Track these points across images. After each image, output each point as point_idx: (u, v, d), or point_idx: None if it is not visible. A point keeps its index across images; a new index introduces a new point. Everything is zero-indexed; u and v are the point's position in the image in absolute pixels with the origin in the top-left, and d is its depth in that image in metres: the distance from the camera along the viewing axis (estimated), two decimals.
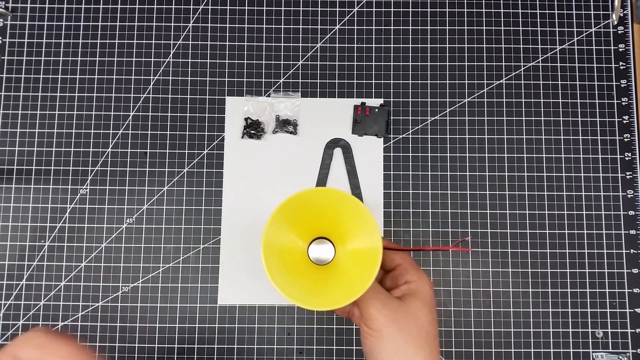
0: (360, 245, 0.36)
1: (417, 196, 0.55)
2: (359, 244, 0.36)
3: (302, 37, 0.58)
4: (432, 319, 0.35)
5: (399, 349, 0.33)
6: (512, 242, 0.54)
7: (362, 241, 0.36)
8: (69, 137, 0.56)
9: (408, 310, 0.35)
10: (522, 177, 0.55)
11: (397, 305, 0.35)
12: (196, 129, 0.56)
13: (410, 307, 0.35)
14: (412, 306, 0.35)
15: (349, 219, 0.36)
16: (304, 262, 0.38)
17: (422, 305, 0.35)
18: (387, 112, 0.56)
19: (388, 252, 0.37)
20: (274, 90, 0.57)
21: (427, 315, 0.35)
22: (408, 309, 0.35)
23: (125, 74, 0.57)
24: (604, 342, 0.53)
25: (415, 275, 0.36)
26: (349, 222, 0.37)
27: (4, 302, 0.53)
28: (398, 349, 0.33)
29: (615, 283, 0.54)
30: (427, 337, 0.34)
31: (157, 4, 0.58)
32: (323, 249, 0.38)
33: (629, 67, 0.57)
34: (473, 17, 0.58)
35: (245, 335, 0.53)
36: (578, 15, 0.58)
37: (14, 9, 0.58)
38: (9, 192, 0.55)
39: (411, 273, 0.37)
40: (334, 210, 0.36)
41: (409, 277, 0.36)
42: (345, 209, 0.35)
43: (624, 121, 0.56)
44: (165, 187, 0.55)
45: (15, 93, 0.57)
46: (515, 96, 0.57)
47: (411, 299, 0.35)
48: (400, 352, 0.33)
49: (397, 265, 0.38)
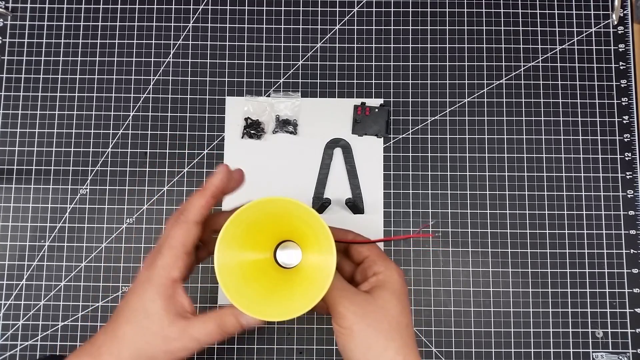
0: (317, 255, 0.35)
1: (417, 196, 0.55)
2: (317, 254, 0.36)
3: (302, 37, 0.58)
4: (402, 308, 0.35)
5: (370, 344, 0.33)
6: (512, 242, 0.54)
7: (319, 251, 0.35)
8: (69, 137, 0.56)
9: (376, 303, 0.34)
10: (522, 177, 0.55)
11: (364, 300, 0.35)
12: (196, 129, 0.56)
13: (378, 300, 0.35)
14: (381, 298, 0.35)
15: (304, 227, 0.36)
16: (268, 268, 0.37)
17: (391, 295, 0.35)
18: (387, 112, 0.56)
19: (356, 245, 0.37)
20: (274, 90, 0.57)
21: (397, 306, 0.35)
22: (376, 302, 0.34)
23: (125, 74, 0.57)
24: (604, 342, 0.53)
25: (382, 266, 0.36)
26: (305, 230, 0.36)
27: (4, 302, 0.53)
28: (369, 344, 0.33)
29: (615, 283, 0.54)
30: (398, 327, 0.34)
31: (157, 4, 0.58)
32: (289, 253, 0.38)
33: (629, 67, 0.57)
34: (473, 17, 0.58)
35: (245, 336, 0.53)
36: (578, 15, 0.58)
37: (14, 9, 0.58)
38: (9, 192, 0.55)
39: (379, 264, 0.36)
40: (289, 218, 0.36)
41: (377, 268, 0.36)
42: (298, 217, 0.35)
43: (624, 121, 0.56)
44: (165, 187, 0.55)
45: (15, 93, 0.57)
46: (515, 96, 0.57)
47: (379, 291, 0.35)
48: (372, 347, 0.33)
49: (365, 258, 0.37)
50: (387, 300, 0.35)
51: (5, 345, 0.53)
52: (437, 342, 0.53)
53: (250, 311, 0.32)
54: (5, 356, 0.52)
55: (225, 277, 0.33)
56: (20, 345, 0.53)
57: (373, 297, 0.35)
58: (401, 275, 0.37)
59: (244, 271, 0.35)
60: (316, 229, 0.34)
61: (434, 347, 0.53)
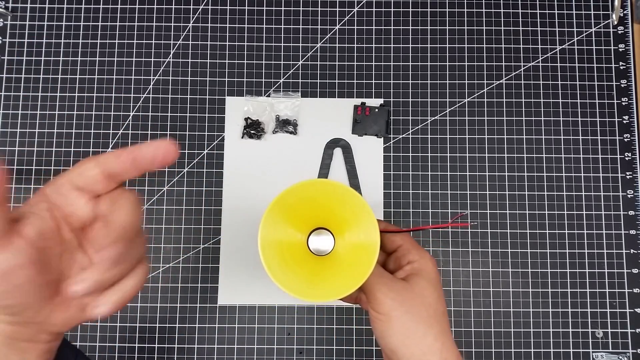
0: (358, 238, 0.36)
1: (417, 196, 0.55)
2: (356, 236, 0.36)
3: (302, 37, 0.58)
4: (439, 296, 0.35)
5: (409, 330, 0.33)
6: (512, 242, 0.54)
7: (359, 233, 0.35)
8: (69, 137, 0.56)
9: (414, 290, 0.35)
10: (522, 177, 0.55)
11: (402, 287, 0.35)
12: (196, 129, 0.56)
13: (415, 288, 0.35)
14: (418, 286, 0.35)
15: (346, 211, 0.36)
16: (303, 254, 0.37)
17: (427, 283, 0.35)
18: (387, 112, 0.56)
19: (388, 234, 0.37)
20: (274, 90, 0.57)
21: (433, 293, 0.35)
22: (414, 290, 0.35)
23: (125, 74, 0.57)
24: (604, 342, 0.53)
25: (417, 255, 0.36)
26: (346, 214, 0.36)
27: None
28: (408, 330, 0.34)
29: (615, 283, 0.54)
30: (436, 314, 0.35)
31: (157, 4, 0.58)
32: (322, 240, 0.38)
33: (629, 67, 0.57)
34: (473, 17, 0.58)
35: (245, 335, 0.53)
36: (578, 15, 0.58)
37: (14, 9, 0.58)
38: (9, 192, 0.55)
39: (413, 253, 0.37)
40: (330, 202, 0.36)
41: (411, 257, 0.36)
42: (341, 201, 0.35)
43: (624, 121, 0.56)
44: (165, 187, 0.55)
45: (15, 93, 0.57)
46: (515, 96, 0.57)
47: (416, 279, 0.35)
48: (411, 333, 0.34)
49: (399, 247, 0.37)
50: (424, 287, 0.35)
51: None
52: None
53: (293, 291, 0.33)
54: None
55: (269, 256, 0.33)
56: None
57: (410, 285, 0.35)
58: (435, 264, 0.37)
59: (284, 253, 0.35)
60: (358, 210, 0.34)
61: None
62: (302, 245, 0.38)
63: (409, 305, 0.34)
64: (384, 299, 0.34)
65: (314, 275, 0.36)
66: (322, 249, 0.38)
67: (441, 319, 0.35)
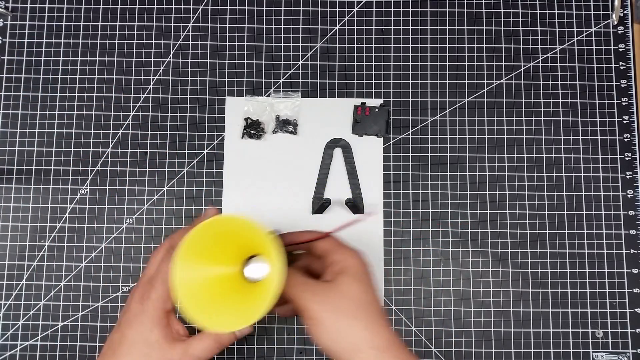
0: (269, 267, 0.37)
1: (417, 196, 0.55)
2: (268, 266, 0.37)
3: (302, 37, 0.58)
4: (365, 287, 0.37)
5: (337, 327, 0.35)
6: (512, 242, 0.54)
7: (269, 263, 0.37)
8: (69, 137, 0.56)
9: (337, 288, 0.36)
10: (522, 177, 0.55)
11: (326, 289, 0.36)
12: (196, 129, 0.56)
13: (339, 286, 0.36)
14: (342, 283, 0.36)
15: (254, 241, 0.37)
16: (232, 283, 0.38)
17: (351, 279, 0.37)
18: (387, 112, 0.56)
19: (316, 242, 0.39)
20: (274, 90, 0.57)
21: (358, 287, 0.37)
22: (337, 288, 0.36)
23: (125, 74, 0.57)
24: (604, 342, 0.53)
25: (340, 255, 0.38)
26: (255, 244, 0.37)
27: (4, 302, 0.53)
28: (336, 327, 0.35)
29: (615, 283, 0.54)
30: (362, 306, 0.36)
31: (157, 4, 0.58)
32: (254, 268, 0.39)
33: (629, 67, 0.57)
34: (473, 17, 0.58)
35: (245, 336, 0.53)
36: (578, 15, 0.58)
37: (14, 9, 0.58)
38: (9, 192, 0.55)
39: (337, 253, 0.38)
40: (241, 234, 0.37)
41: (334, 257, 0.38)
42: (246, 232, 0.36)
43: (624, 121, 0.56)
44: (165, 187, 0.55)
45: (15, 93, 0.57)
46: (515, 96, 0.57)
47: (340, 277, 0.37)
48: (339, 329, 0.35)
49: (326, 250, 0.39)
50: (347, 283, 0.37)
51: (5, 345, 0.53)
52: (437, 342, 0.53)
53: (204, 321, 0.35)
54: (5, 356, 0.52)
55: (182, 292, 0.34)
56: (20, 345, 0.53)
57: (334, 284, 0.37)
58: (358, 258, 0.39)
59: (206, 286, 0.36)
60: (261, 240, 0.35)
61: (434, 347, 0.53)
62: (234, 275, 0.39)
63: (333, 304, 0.35)
64: (310, 304, 0.36)
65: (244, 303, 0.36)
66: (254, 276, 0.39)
67: (369, 309, 0.36)
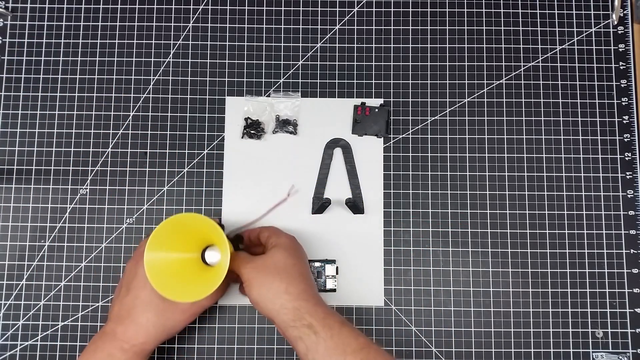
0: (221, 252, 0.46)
1: (417, 196, 0.55)
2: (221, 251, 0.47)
3: (302, 37, 0.58)
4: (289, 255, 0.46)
5: (263, 285, 0.44)
6: (512, 242, 0.54)
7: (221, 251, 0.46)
8: (69, 137, 0.56)
9: (268, 257, 0.46)
10: (522, 177, 0.55)
11: (259, 258, 0.46)
12: (196, 129, 0.56)
13: (270, 254, 0.46)
14: (272, 254, 0.46)
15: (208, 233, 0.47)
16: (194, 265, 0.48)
17: (280, 250, 0.46)
18: (387, 112, 0.56)
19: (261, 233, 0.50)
20: (274, 90, 0.57)
21: (284, 253, 0.46)
22: (268, 257, 0.46)
23: (125, 74, 0.57)
24: (604, 342, 0.53)
25: (275, 236, 0.48)
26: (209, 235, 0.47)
27: (4, 302, 0.53)
28: (263, 285, 0.44)
29: (615, 283, 0.54)
30: (283, 266, 0.45)
31: (157, 4, 0.58)
32: (211, 254, 0.49)
33: (629, 67, 0.57)
34: (473, 17, 0.58)
35: (245, 335, 0.53)
36: (578, 15, 0.58)
37: (14, 9, 0.58)
38: (9, 192, 0.55)
39: (273, 236, 0.48)
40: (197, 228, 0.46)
41: (272, 240, 0.48)
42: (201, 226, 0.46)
43: (624, 121, 0.56)
44: (165, 187, 0.55)
45: (15, 93, 0.57)
46: (515, 96, 0.57)
47: (272, 250, 0.47)
48: (265, 287, 0.44)
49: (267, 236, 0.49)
50: (275, 252, 0.46)
51: (5, 345, 0.53)
52: (437, 342, 0.53)
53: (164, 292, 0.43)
54: (5, 356, 0.52)
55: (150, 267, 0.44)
56: (20, 345, 0.53)
57: (266, 255, 0.46)
58: (290, 238, 0.49)
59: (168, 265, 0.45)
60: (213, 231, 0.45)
61: (434, 347, 0.53)
62: (194, 259, 0.48)
63: (262, 268, 0.45)
64: (245, 270, 0.45)
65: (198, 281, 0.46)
66: (212, 261, 0.49)
67: (290, 270, 0.45)
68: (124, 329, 0.45)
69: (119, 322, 0.46)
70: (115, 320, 0.46)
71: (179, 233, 0.46)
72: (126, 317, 0.46)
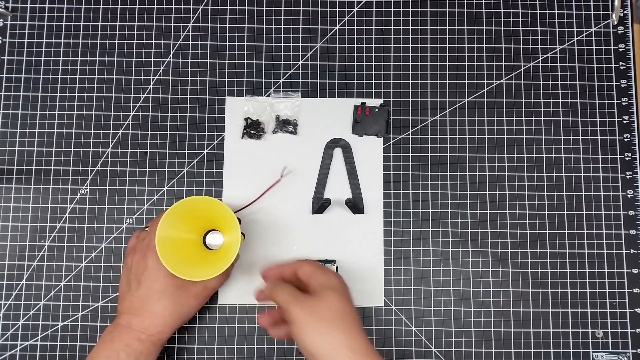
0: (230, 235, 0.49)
1: (417, 196, 0.55)
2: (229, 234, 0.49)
3: (302, 37, 0.58)
4: (345, 302, 0.43)
5: (318, 330, 0.41)
6: (512, 242, 0.54)
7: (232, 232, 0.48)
8: (69, 137, 0.56)
9: (320, 300, 0.42)
10: (522, 177, 0.55)
11: (310, 299, 0.43)
12: (196, 129, 0.56)
13: (322, 298, 0.42)
14: (324, 296, 0.43)
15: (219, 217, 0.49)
16: (197, 248, 0.51)
17: (333, 292, 0.43)
18: (387, 112, 0.56)
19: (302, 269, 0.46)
20: (274, 90, 0.57)
21: (339, 300, 0.43)
22: (320, 299, 0.42)
23: (125, 74, 0.57)
24: (604, 342, 0.53)
25: (323, 275, 0.45)
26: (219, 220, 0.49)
27: (4, 302, 0.53)
28: (317, 330, 0.41)
29: (615, 283, 0.54)
30: (342, 316, 0.42)
31: (157, 4, 0.58)
32: (214, 238, 0.51)
33: (629, 67, 0.57)
34: (473, 17, 0.58)
35: (245, 335, 0.53)
36: (578, 15, 0.58)
37: (14, 9, 0.58)
38: (9, 192, 0.55)
39: (319, 274, 0.45)
40: (208, 212, 0.49)
41: (318, 278, 0.44)
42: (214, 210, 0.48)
43: (624, 121, 0.56)
44: (165, 187, 0.55)
45: (15, 93, 0.57)
46: (515, 96, 0.57)
47: (324, 292, 0.43)
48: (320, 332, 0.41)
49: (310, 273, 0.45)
50: (329, 295, 0.43)
51: (5, 345, 0.53)
52: (437, 342, 0.53)
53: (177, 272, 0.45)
54: (5, 356, 0.52)
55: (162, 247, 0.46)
56: (20, 345, 0.53)
57: (318, 297, 0.43)
58: (339, 278, 0.45)
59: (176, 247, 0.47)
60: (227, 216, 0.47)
61: (434, 347, 0.53)
62: (198, 242, 0.51)
63: (316, 311, 0.42)
64: (296, 310, 0.42)
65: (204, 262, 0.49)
66: (213, 244, 0.51)
67: (348, 318, 0.42)
68: (140, 320, 0.46)
69: (134, 314, 0.47)
70: (129, 312, 0.47)
71: (187, 216, 0.48)
72: (140, 308, 0.47)
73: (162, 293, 0.47)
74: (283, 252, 0.54)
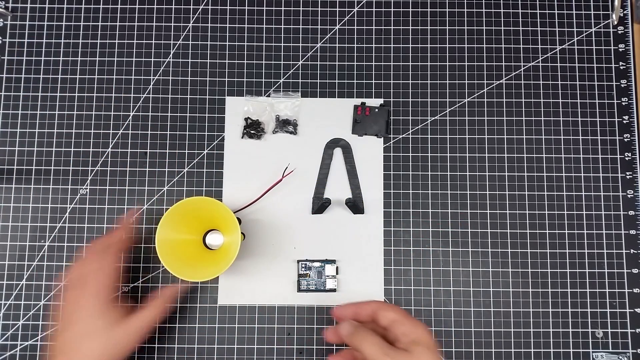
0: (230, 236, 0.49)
1: (417, 196, 0.55)
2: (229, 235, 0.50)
3: (302, 37, 0.58)
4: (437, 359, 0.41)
5: None
6: (512, 242, 0.54)
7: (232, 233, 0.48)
8: (69, 137, 0.56)
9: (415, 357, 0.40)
10: (522, 177, 0.55)
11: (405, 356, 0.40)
12: (196, 129, 0.56)
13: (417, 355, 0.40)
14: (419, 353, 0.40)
15: (219, 218, 0.49)
16: (197, 248, 0.51)
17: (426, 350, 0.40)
18: (387, 112, 0.56)
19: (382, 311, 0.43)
20: (274, 90, 0.57)
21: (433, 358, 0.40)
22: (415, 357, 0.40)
23: (125, 74, 0.57)
24: (604, 342, 0.53)
25: (412, 326, 0.42)
26: (219, 221, 0.50)
27: (4, 302, 0.53)
28: None
29: (615, 283, 0.54)
30: None
31: (157, 4, 0.58)
32: (214, 238, 0.53)
33: (629, 67, 0.57)
34: (473, 17, 0.58)
35: (245, 335, 0.53)
36: (578, 15, 0.58)
37: (14, 9, 0.58)
38: (9, 192, 0.55)
39: (407, 324, 0.42)
40: (209, 212, 0.49)
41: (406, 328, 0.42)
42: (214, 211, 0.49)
43: (624, 121, 0.56)
44: (165, 187, 0.55)
45: (15, 93, 0.57)
46: (515, 96, 0.57)
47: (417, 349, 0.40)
48: None
49: (393, 320, 0.42)
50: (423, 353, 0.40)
51: (5, 345, 0.53)
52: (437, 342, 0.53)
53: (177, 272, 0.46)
54: (5, 356, 0.52)
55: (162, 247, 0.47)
56: (20, 345, 0.53)
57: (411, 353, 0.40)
58: (430, 333, 0.42)
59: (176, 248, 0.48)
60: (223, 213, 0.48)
61: None
62: (198, 242, 0.52)
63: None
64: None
65: (204, 262, 0.50)
66: (213, 244, 0.52)
67: None
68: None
69: (64, 354, 0.45)
70: (61, 353, 0.46)
71: (187, 216, 0.49)
72: (69, 350, 0.45)
73: (91, 334, 0.45)
74: (283, 252, 0.54)
